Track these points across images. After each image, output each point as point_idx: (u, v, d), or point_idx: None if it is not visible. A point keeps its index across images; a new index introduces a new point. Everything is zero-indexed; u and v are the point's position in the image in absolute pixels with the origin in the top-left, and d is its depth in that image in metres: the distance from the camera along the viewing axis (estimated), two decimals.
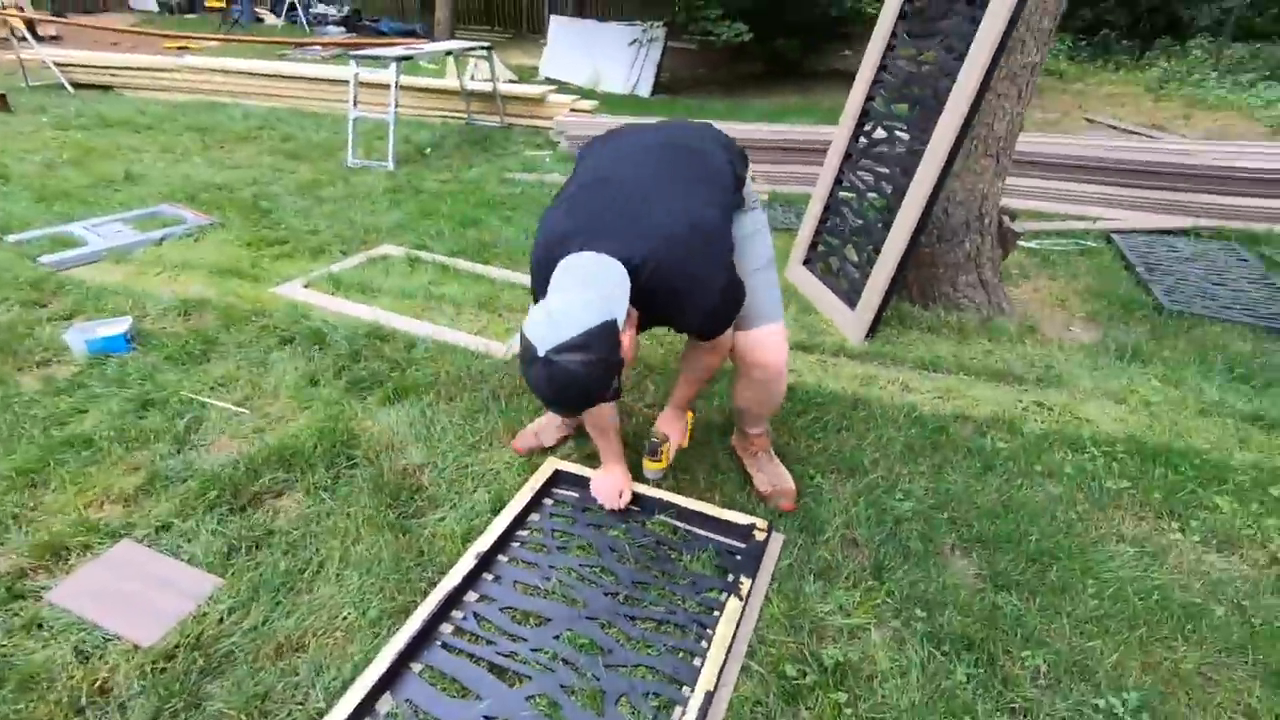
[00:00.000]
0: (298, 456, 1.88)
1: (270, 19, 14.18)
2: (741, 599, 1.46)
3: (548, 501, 1.78)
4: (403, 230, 3.61)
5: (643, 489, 1.76)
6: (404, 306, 2.78)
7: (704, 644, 1.38)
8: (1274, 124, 6.77)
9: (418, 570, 1.56)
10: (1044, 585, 1.55)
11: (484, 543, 1.59)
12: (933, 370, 2.45)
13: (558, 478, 1.83)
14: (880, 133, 2.75)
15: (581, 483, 1.80)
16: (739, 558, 1.60)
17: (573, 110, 6.15)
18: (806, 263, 3.08)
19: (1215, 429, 2.14)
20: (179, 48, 9.76)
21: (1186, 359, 2.52)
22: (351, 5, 14.40)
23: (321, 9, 14.20)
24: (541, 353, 1.16)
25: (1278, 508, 1.79)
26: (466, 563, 1.53)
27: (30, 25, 7.88)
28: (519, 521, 1.68)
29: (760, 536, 1.62)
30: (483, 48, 5.79)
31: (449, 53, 5.64)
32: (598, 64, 9.17)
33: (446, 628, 1.42)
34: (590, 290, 1.22)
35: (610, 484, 1.72)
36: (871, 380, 2.37)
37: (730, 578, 1.54)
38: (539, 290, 1.35)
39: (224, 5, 12.36)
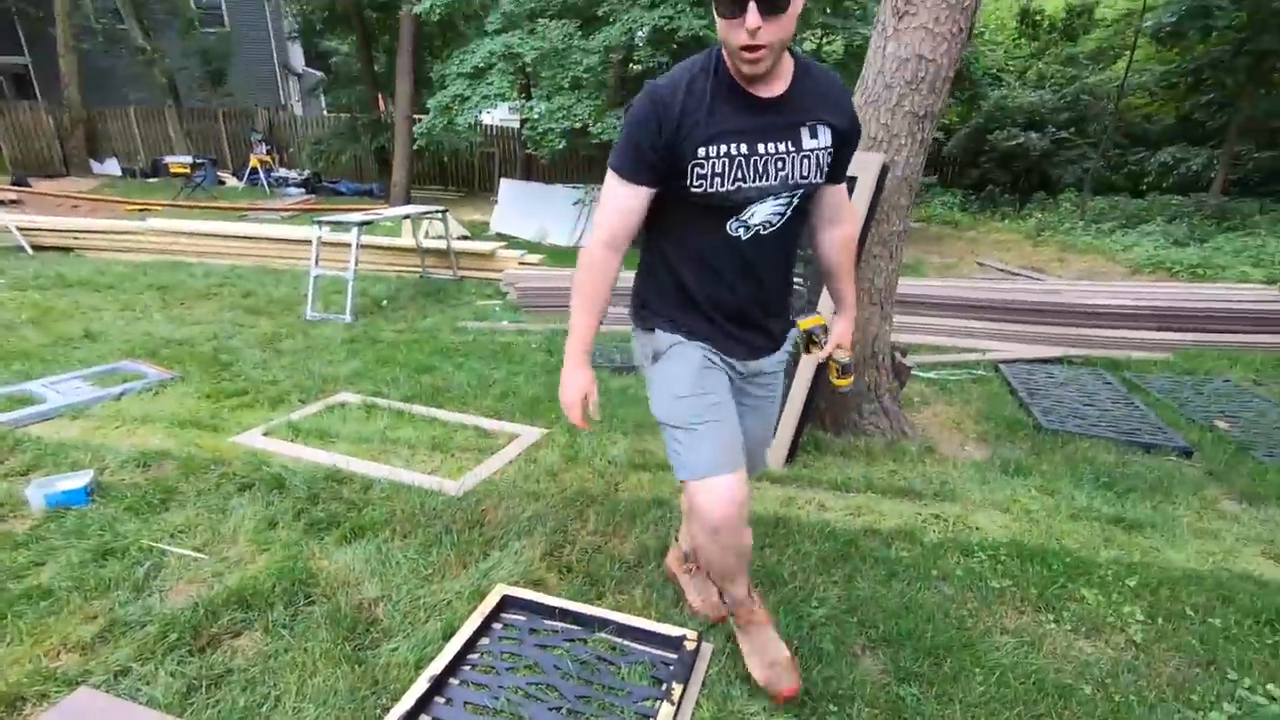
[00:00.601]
0: (256, 597, 1.99)
1: (232, 181, 15.00)
2: (674, 704, 1.61)
3: (496, 626, 1.92)
4: (360, 378, 3.84)
5: (583, 608, 1.93)
6: (361, 450, 2.96)
7: None
8: (1131, 265, 7.86)
9: (373, 699, 1.66)
10: (940, 675, 1.75)
11: (436, 666, 1.71)
12: (845, 490, 2.74)
13: (506, 603, 1.98)
14: None
15: (529, 607, 1.96)
16: (672, 667, 1.76)
17: (521, 264, 6.70)
18: None
19: (1084, 531, 2.46)
20: (140, 210, 10.23)
21: (1060, 471, 2.89)
22: (311, 169, 15.39)
23: (283, 172, 15.16)
24: None
25: (1134, 597, 2.08)
26: (419, 686, 1.65)
27: None
28: (469, 646, 1.82)
29: (691, 646, 1.80)
30: (438, 211, 6.37)
31: (407, 216, 6.17)
32: (544, 221, 10.00)
33: None
34: None
35: (574, 387, 1.52)
36: (791, 501, 2.64)
37: (664, 686, 1.70)
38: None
39: (187, 171, 13.08)
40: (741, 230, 1.48)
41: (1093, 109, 13.60)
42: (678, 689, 1.66)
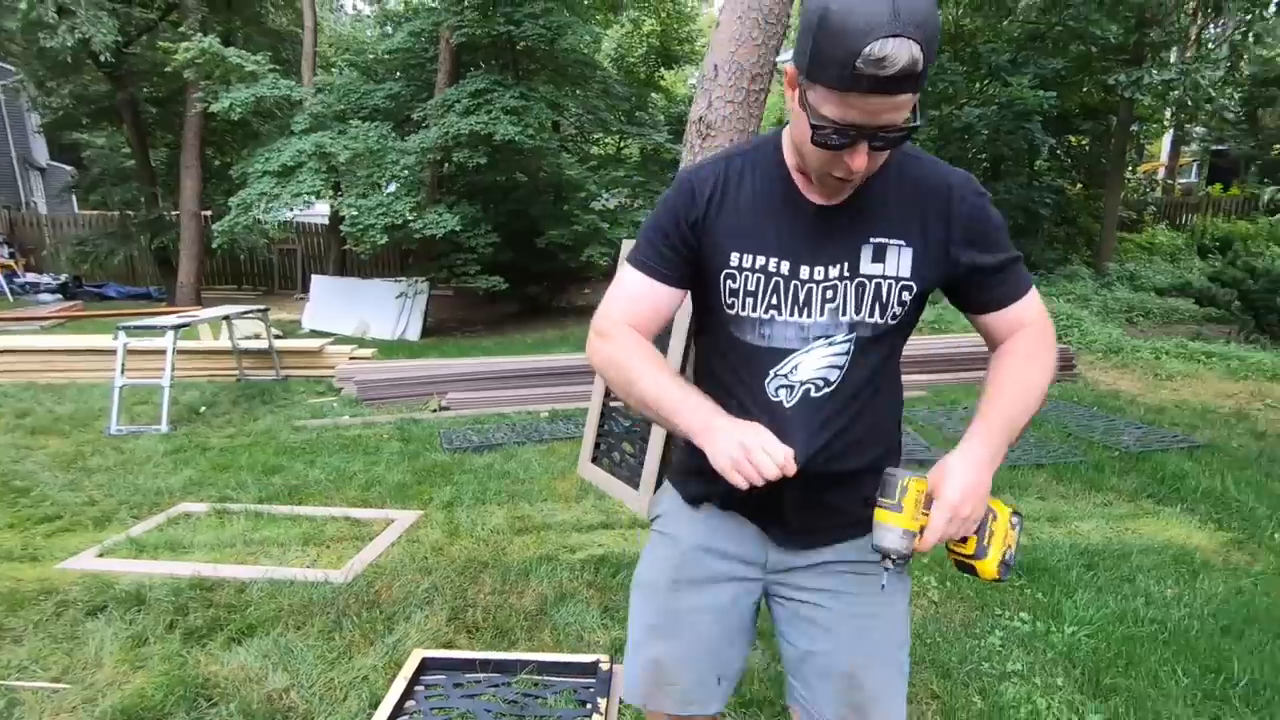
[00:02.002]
0: (148, 711, 1.90)
1: None
2: (603, 714, 1.84)
3: (420, 688, 2.01)
4: (198, 487, 3.60)
5: (501, 655, 2.09)
6: (224, 556, 2.82)
7: None
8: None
9: None
10: None
11: None
12: None
13: (426, 665, 2.07)
14: None
15: (449, 665, 2.08)
16: (593, 689, 1.99)
17: (353, 359, 6.57)
18: (594, 460, 3.76)
19: None
20: None
21: None
22: (72, 272, 13.56)
23: (32, 278, 13.18)
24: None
25: (929, 570, 2.69)
26: None
27: None
28: (398, 710, 1.90)
29: (606, 668, 2.04)
30: (259, 310, 6.10)
31: (226, 317, 5.85)
32: (364, 315, 9.79)
33: None
34: None
35: (731, 439, 0.92)
36: None
37: (588, 706, 1.92)
38: None
39: None
40: (784, 393, 1.02)
41: None
42: (603, 703, 1.89)
